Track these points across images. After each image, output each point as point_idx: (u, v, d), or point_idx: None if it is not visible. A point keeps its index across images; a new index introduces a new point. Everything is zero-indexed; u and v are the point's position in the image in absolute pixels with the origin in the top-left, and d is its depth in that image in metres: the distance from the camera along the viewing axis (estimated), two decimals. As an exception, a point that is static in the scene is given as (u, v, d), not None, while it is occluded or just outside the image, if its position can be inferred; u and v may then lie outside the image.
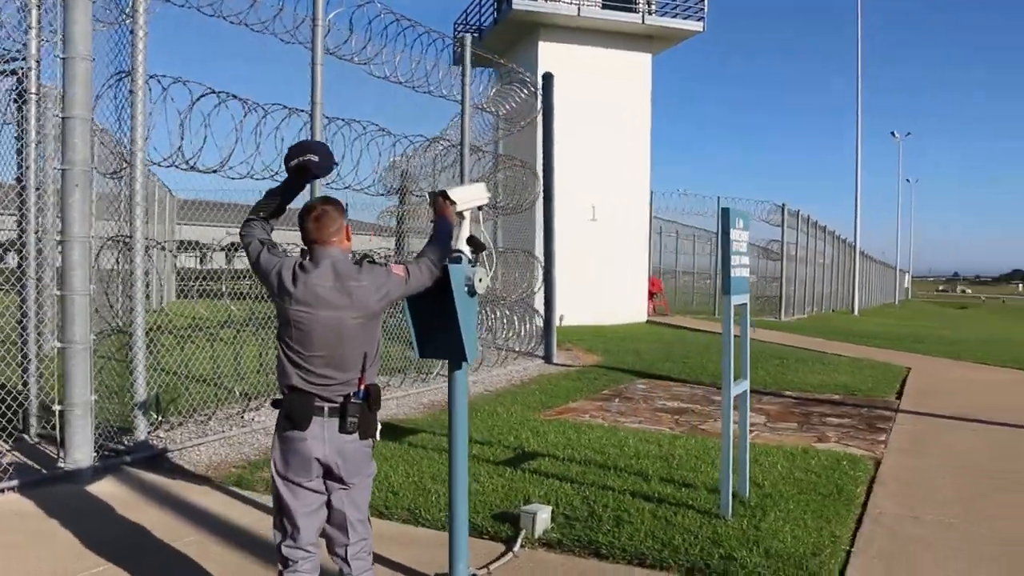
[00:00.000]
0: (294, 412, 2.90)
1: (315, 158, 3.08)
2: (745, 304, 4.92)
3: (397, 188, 13.08)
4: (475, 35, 18.16)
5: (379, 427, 3.07)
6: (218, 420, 6.85)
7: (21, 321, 6.24)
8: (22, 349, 6.25)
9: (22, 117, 6.15)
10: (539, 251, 12.36)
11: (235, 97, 6.69)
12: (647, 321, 21.01)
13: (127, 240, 5.92)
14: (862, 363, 12.24)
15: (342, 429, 2.93)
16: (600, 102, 18.82)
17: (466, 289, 3.49)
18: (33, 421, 6.18)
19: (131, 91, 5.82)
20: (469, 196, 3.66)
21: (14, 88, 6.14)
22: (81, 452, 5.41)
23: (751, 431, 7.26)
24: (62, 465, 5.36)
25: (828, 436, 7.14)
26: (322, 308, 2.88)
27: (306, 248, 3.01)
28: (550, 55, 18.64)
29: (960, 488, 5.59)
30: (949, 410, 8.49)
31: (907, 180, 69.29)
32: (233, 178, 6.77)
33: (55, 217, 5.36)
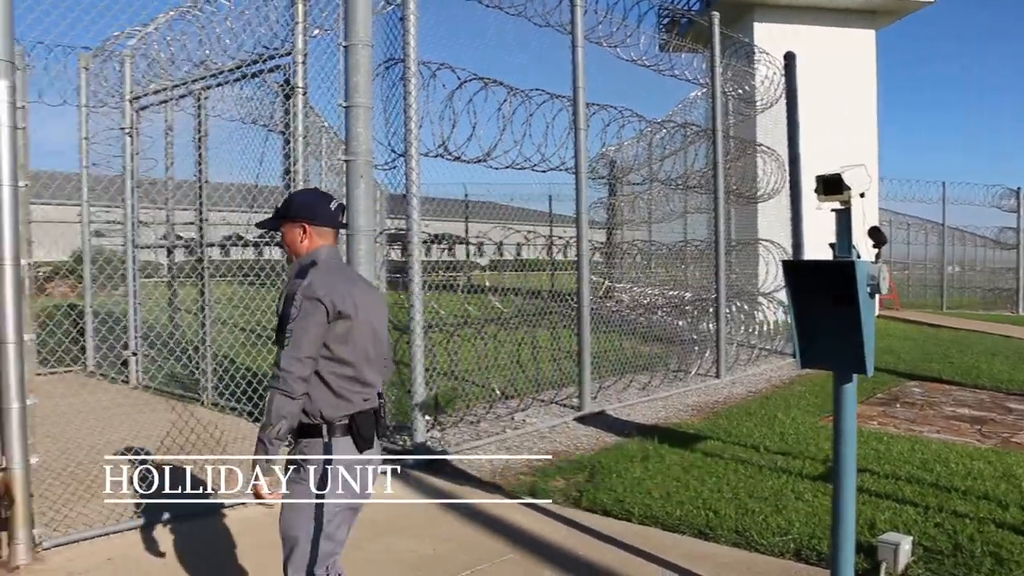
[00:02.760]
0: (365, 429, 2.61)
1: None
2: None
3: (607, 177, 12.59)
4: (683, 21, 17.32)
5: None
6: (488, 420, 6.56)
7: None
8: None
9: (286, 111, 6.09)
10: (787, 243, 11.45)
11: (499, 83, 6.35)
12: (877, 316, 19.28)
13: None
14: None
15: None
16: (821, 85, 17.32)
17: (869, 290, 2.90)
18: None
19: (404, 78, 5.57)
20: (859, 180, 3.11)
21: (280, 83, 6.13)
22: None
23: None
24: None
25: None
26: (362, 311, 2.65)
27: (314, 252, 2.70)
28: (766, 36, 17.38)
29: None
30: None
31: None
32: (496, 168, 6.44)
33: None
